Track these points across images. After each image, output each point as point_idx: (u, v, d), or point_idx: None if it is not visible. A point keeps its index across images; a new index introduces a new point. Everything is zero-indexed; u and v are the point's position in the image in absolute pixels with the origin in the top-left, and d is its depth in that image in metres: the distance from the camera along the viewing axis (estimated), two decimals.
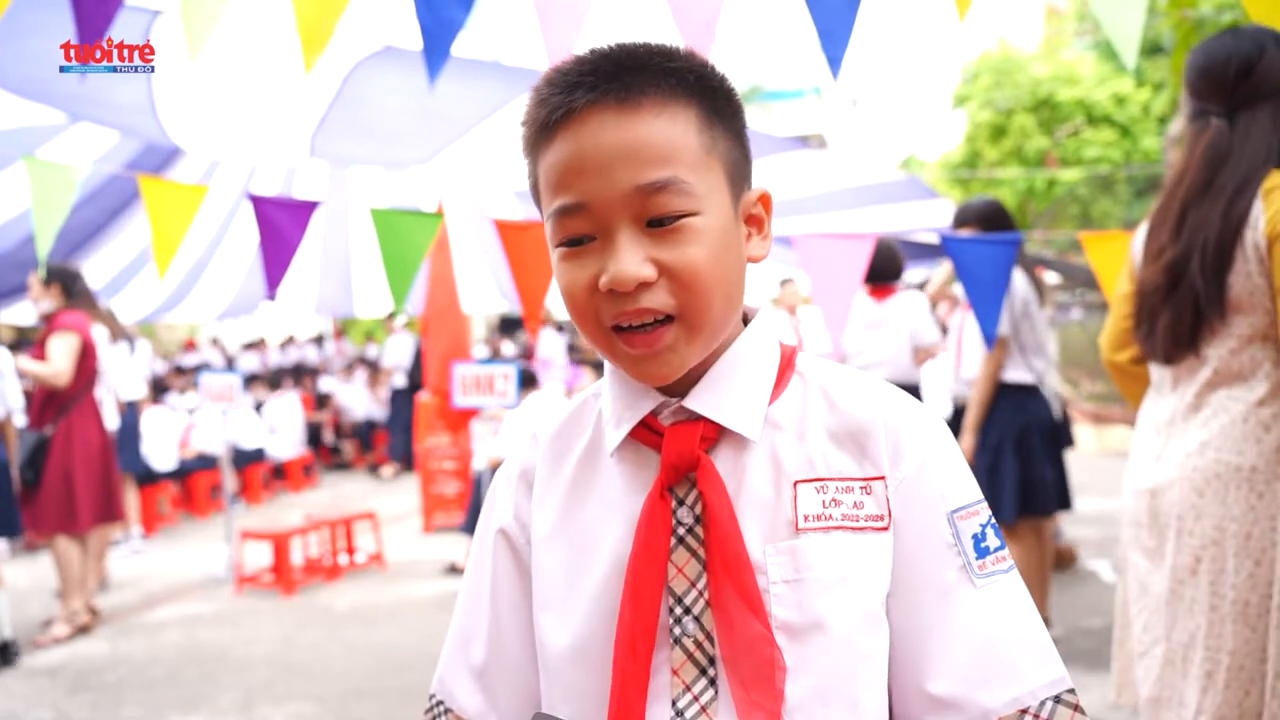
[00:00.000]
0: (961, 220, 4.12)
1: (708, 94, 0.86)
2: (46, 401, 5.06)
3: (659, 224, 0.82)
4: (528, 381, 6.20)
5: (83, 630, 5.09)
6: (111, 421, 6.07)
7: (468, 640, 0.99)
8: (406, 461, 10.54)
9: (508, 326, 15.10)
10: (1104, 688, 3.54)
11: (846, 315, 3.19)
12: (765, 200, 0.91)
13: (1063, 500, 4.13)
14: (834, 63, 1.98)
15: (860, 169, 7.63)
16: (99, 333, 5.72)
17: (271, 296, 3.11)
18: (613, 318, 0.84)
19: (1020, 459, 3.95)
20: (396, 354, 11.06)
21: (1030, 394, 4.02)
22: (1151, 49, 13.48)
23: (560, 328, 14.23)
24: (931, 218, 7.48)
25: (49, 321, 5.08)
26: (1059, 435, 4.17)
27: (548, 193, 0.86)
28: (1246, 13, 1.85)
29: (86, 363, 5.13)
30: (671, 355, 0.84)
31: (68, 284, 5.18)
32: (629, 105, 0.82)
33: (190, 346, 15.33)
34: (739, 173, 0.89)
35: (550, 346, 11.13)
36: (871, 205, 7.41)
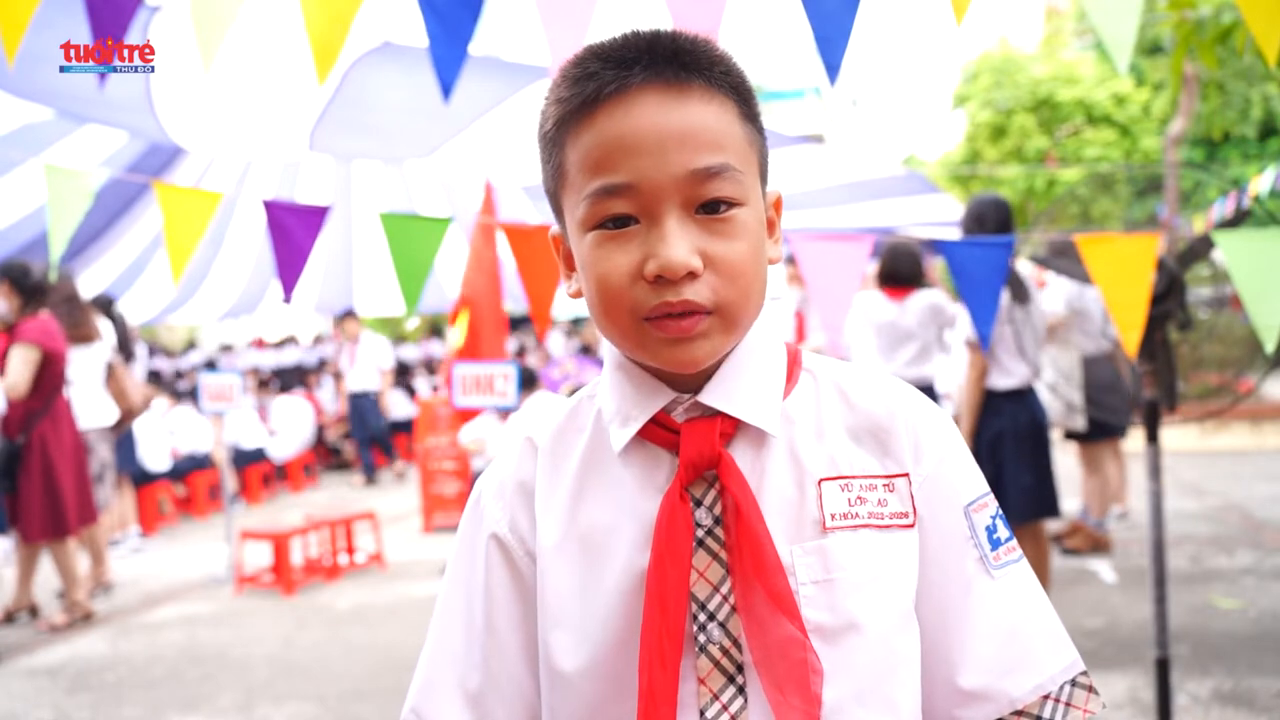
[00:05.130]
0: (960, 224, 4.13)
1: (743, 91, 0.85)
2: (18, 412, 5.04)
3: (711, 210, 0.80)
4: (527, 382, 6.19)
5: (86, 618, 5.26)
6: (110, 421, 6.06)
7: (456, 661, 0.92)
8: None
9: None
10: (1103, 687, 3.54)
11: (844, 314, 3.19)
12: (779, 203, 0.91)
13: (1046, 507, 3.93)
14: (832, 69, 1.98)
15: (859, 165, 7.61)
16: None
17: (288, 300, 3.11)
18: (652, 310, 0.80)
19: (993, 466, 3.82)
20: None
21: (1009, 399, 3.92)
22: (1151, 49, 13.47)
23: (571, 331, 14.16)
24: (931, 212, 7.49)
25: (12, 330, 5.03)
26: (1043, 440, 3.98)
27: (585, 172, 0.82)
28: (1244, 14, 1.85)
29: (51, 369, 5.06)
30: (705, 342, 0.81)
31: (18, 280, 5.04)
32: (679, 88, 0.81)
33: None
34: (766, 172, 0.89)
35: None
36: (871, 200, 7.41)
